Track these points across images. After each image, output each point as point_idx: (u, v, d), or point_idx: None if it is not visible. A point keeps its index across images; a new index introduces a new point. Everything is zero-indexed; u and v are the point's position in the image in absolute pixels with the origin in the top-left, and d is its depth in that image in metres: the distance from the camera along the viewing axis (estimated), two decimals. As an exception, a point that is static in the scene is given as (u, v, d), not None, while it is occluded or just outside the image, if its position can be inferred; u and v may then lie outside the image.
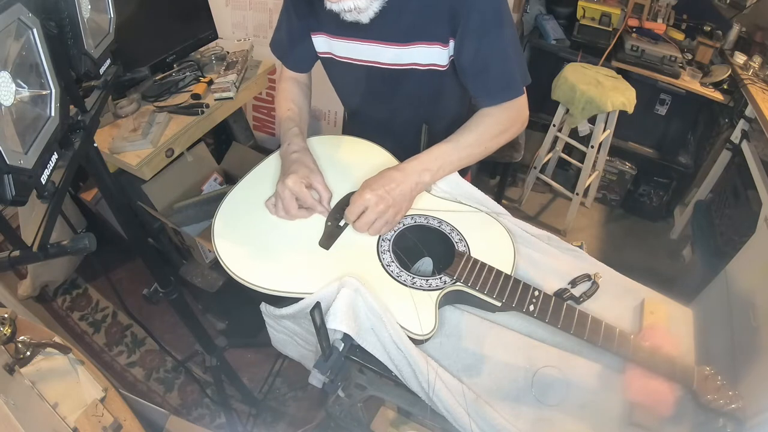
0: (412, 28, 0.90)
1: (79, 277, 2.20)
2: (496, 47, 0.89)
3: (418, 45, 0.92)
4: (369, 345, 0.73)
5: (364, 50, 0.96)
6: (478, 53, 0.89)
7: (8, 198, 0.48)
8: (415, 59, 0.94)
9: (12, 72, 0.51)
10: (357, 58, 0.98)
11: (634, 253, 2.46)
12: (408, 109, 1.06)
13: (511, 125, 0.95)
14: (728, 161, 2.15)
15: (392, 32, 0.91)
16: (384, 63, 0.96)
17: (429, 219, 0.89)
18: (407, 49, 0.93)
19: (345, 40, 0.96)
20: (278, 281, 0.76)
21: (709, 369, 0.71)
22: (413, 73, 0.96)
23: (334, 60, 1.02)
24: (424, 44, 0.91)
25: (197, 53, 1.81)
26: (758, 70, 2.09)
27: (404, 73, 0.97)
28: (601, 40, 2.34)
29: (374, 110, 1.11)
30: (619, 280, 0.90)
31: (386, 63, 0.96)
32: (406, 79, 0.98)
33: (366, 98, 1.09)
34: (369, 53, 0.96)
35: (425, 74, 0.96)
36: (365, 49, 0.95)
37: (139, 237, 1.01)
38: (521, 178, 2.73)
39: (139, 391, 1.82)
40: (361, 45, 0.95)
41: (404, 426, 1.20)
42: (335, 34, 0.97)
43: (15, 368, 0.90)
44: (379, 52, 0.95)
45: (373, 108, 1.11)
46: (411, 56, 0.94)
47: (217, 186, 1.97)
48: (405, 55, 0.94)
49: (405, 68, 0.96)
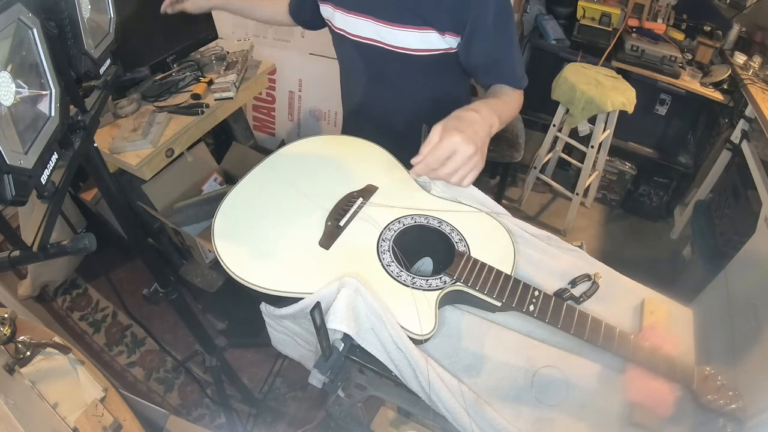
0: (412, 10, 0.91)
1: (79, 277, 2.20)
2: (506, 42, 0.93)
3: (415, 29, 0.93)
4: (369, 345, 0.73)
5: (361, 25, 0.98)
6: (489, 46, 0.92)
7: (8, 198, 0.48)
8: (411, 43, 0.96)
9: (12, 72, 0.51)
10: (352, 33, 1.01)
11: (634, 253, 2.46)
12: (403, 98, 1.07)
13: (519, 105, 0.98)
14: (728, 161, 2.15)
15: (391, 11, 0.93)
16: (379, 41, 0.98)
17: (429, 219, 0.89)
18: (404, 31, 0.94)
19: (345, 13, 0.99)
20: (278, 281, 0.76)
21: (709, 369, 0.71)
22: (408, 57, 0.97)
23: (332, 29, 1.05)
24: (421, 29, 0.93)
25: (197, 53, 1.81)
26: (758, 70, 2.09)
27: (404, 57, 0.98)
28: (601, 40, 2.34)
29: (368, 97, 1.13)
30: (619, 280, 0.90)
31: (381, 42, 0.98)
32: (401, 61, 0.99)
33: (360, 78, 1.11)
34: (366, 29, 0.98)
35: (420, 60, 0.97)
36: (362, 25, 0.98)
37: (139, 237, 1.01)
38: (521, 178, 2.73)
39: (139, 391, 1.82)
40: (358, 20, 0.98)
41: (404, 426, 1.20)
42: (338, 5, 1.00)
43: (15, 368, 0.90)
44: (376, 29, 0.97)
45: (367, 94, 1.13)
46: (407, 39, 0.95)
47: (217, 186, 1.97)
48: (402, 36, 0.95)
49: (399, 51, 0.97)
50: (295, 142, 1.02)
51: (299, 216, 0.88)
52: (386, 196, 0.93)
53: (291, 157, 1.00)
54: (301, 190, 0.91)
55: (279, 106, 2.51)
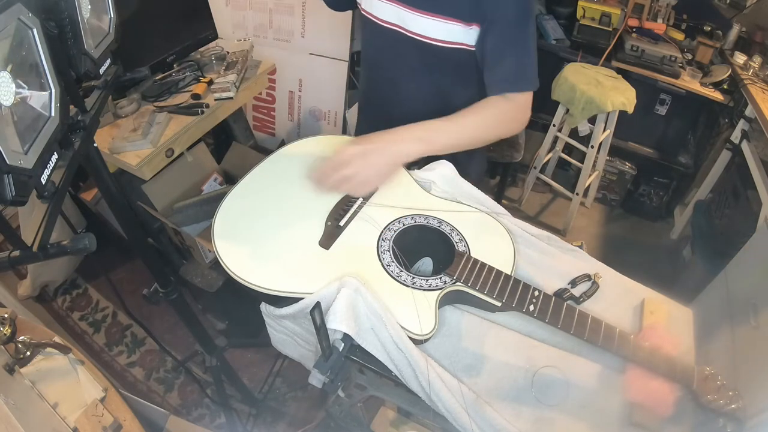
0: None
1: (79, 277, 2.20)
2: (521, 38, 0.92)
3: (440, 18, 0.92)
4: (369, 345, 0.73)
5: (385, 9, 0.98)
6: (502, 40, 0.91)
7: (8, 198, 0.48)
8: (432, 32, 0.95)
9: (12, 72, 0.51)
10: (376, 16, 1.00)
11: (634, 253, 2.46)
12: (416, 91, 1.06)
13: (511, 120, 0.96)
14: (728, 161, 2.16)
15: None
16: (400, 27, 0.98)
17: (429, 219, 0.89)
18: (428, 19, 0.93)
19: None
20: (278, 281, 0.76)
21: (709, 369, 0.71)
22: (431, 48, 0.97)
23: (361, 11, 1.05)
24: (446, 19, 0.92)
25: (197, 53, 1.81)
26: (758, 70, 2.09)
27: (422, 46, 0.97)
28: (601, 40, 2.34)
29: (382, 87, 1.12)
30: (619, 280, 0.90)
31: (402, 27, 0.97)
32: (418, 51, 0.98)
33: (377, 67, 1.11)
34: (389, 13, 0.98)
35: (438, 51, 0.97)
36: (386, 9, 0.97)
37: (139, 237, 1.01)
38: (521, 178, 2.73)
39: (139, 391, 1.82)
40: (383, 3, 0.97)
41: (404, 426, 1.20)
42: None
43: (15, 368, 0.90)
44: (399, 14, 0.96)
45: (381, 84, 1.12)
46: (430, 27, 0.94)
47: (217, 186, 1.97)
48: (425, 24, 0.94)
49: (423, 40, 0.96)
50: (295, 142, 1.02)
51: (299, 216, 0.88)
52: (386, 195, 0.93)
53: (291, 157, 1.00)
54: (301, 190, 0.91)
55: (279, 106, 2.51)
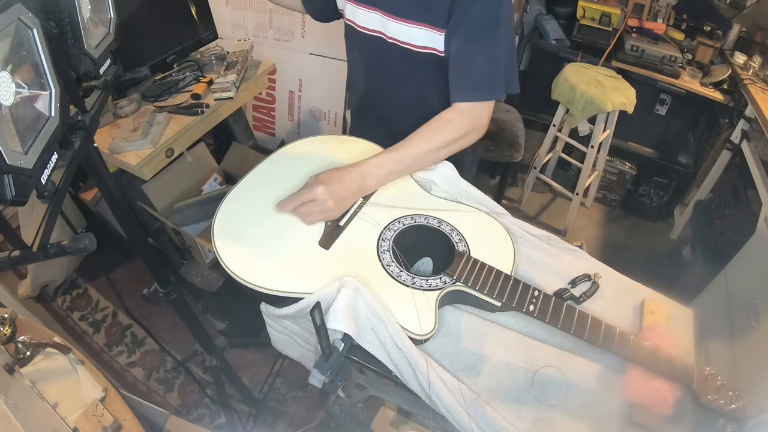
0: (418, 4, 0.92)
1: (79, 277, 2.20)
2: (484, 45, 0.90)
3: (419, 25, 0.94)
4: (369, 345, 0.73)
5: (368, 17, 1.00)
6: (465, 45, 0.91)
7: (8, 198, 0.48)
8: (413, 38, 0.96)
9: (12, 72, 0.51)
10: (360, 24, 1.02)
11: (634, 253, 2.46)
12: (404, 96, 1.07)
13: (467, 133, 0.94)
14: (728, 161, 2.15)
15: (398, 4, 0.94)
16: (382, 34, 0.99)
17: (429, 219, 0.89)
18: (408, 26, 0.95)
19: (354, 4, 1.00)
20: (278, 281, 0.76)
21: (709, 369, 0.71)
22: (411, 53, 0.98)
23: (345, 20, 1.07)
24: (424, 26, 0.93)
25: (197, 53, 1.81)
26: (758, 70, 2.09)
27: (403, 52, 0.98)
28: (601, 40, 2.34)
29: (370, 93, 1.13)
30: (619, 280, 0.90)
31: (384, 34, 0.99)
32: (402, 57, 0.99)
33: (363, 73, 1.12)
34: (372, 21, 1.00)
35: (422, 57, 0.97)
36: (369, 17, 0.99)
37: (139, 237, 1.01)
38: (521, 178, 2.73)
39: (139, 391, 1.81)
40: (366, 11, 0.99)
41: (404, 426, 1.20)
42: None
43: (15, 368, 0.90)
44: (382, 22, 0.98)
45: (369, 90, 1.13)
46: (410, 34, 0.96)
47: (217, 186, 1.97)
48: (405, 31, 0.96)
49: (403, 46, 0.98)
50: (295, 142, 1.02)
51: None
52: (386, 196, 0.93)
53: (291, 156, 1.00)
54: (301, 190, 0.91)
55: (279, 106, 2.51)
